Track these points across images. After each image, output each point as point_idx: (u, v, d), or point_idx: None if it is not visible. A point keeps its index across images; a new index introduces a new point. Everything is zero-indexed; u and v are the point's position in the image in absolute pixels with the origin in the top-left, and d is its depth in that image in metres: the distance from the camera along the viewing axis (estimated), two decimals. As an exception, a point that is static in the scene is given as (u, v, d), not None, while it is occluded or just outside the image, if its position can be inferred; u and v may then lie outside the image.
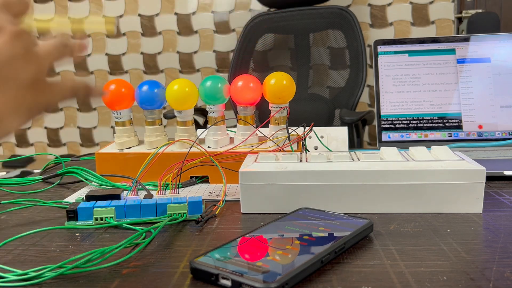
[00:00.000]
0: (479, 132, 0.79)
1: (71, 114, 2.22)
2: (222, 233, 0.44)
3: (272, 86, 0.62)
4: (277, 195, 0.49)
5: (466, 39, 0.82)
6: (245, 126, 0.64)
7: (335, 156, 0.51)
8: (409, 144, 0.75)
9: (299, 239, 0.38)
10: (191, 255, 0.39)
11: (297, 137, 0.62)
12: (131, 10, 2.07)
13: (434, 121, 0.80)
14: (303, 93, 1.71)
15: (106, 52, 2.11)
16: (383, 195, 0.48)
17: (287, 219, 0.44)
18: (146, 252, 0.40)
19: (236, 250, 0.37)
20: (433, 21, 1.90)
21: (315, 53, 1.73)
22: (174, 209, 0.47)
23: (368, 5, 1.93)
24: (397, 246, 0.40)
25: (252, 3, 1.99)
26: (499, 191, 0.55)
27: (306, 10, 1.66)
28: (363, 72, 1.57)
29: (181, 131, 0.65)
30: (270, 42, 1.76)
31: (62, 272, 0.36)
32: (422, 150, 0.52)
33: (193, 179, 0.62)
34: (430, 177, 0.47)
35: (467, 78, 0.81)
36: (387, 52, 0.82)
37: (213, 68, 2.07)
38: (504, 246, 0.39)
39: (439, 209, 0.48)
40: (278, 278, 0.31)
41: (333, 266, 0.36)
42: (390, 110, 0.81)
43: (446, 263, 0.36)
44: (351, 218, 0.43)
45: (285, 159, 0.51)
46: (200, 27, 2.04)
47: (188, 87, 0.62)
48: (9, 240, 0.43)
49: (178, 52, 2.07)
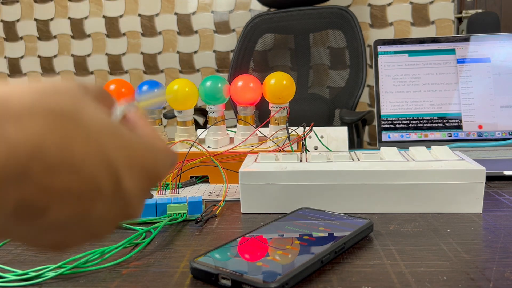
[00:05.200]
0: (479, 132, 0.79)
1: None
2: (222, 233, 0.44)
3: (272, 86, 0.62)
4: (277, 195, 0.49)
5: (466, 39, 0.82)
6: (245, 126, 0.64)
7: (335, 156, 0.51)
8: (409, 144, 0.75)
9: (299, 239, 0.38)
10: (191, 255, 0.39)
11: (297, 137, 0.62)
12: (131, 10, 2.07)
13: (434, 121, 0.80)
14: (303, 93, 1.71)
15: (106, 52, 2.11)
16: (383, 195, 0.48)
17: (287, 219, 0.44)
18: (146, 252, 0.40)
19: (236, 250, 0.37)
20: (433, 21, 1.90)
21: (315, 53, 1.73)
22: (174, 209, 0.47)
23: (368, 5, 1.93)
24: (397, 246, 0.40)
25: (252, 3, 1.99)
26: (499, 191, 0.55)
27: (306, 10, 1.66)
28: (363, 72, 1.57)
29: (181, 131, 0.65)
30: (270, 42, 1.76)
31: (62, 272, 0.36)
32: (422, 150, 0.52)
33: (193, 179, 0.62)
34: (430, 177, 0.47)
35: (467, 78, 0.81)
36: (387, 52, 0.82)
37: (213, 68, 2.07)
38: (504, 246, 0.39)
39: (439, 209, 0.48)
40: (278, 278, 0.31)
41: (333, 266, 0.36)
42: (390, 110, 0.81)
43: (446, 263, 0.36)
44: (351, 218, 0.43)
45: (285, 159, 0.51)
46: (200, 27, 2.04)
47: (188, 87, 0.62)
48: (9, 240, 0.43)
49: (178, 52, 2.07)
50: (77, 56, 2.14)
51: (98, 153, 0.21)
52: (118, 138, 0.22)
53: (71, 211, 0.20)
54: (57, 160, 0.19)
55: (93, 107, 0.22)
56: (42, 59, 2.16)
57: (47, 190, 0.19)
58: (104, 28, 2.10)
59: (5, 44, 2.18)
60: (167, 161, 0.26)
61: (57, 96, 0.21)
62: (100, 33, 2.10)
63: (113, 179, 0.21)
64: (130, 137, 0.23)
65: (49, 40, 2.14)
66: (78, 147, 0.20)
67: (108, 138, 0.21)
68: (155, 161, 0.24)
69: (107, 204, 0.22)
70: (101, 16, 2.09)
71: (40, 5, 2.12)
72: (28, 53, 2.17)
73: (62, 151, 0.19)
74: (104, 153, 0.21)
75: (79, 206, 0.21)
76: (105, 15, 2.08)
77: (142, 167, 0.23)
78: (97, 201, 0.21)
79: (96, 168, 0.20)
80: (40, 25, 2.14)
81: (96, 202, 0.21)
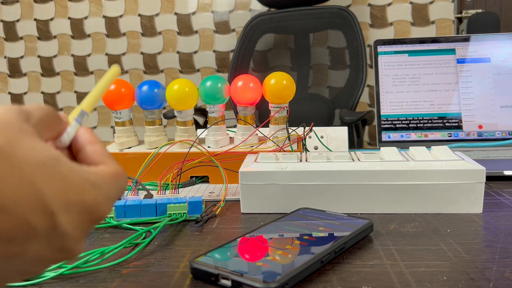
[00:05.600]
0: (479, 132, 0.79)
1: (71, 114, 2.22)
2: (222, 233, 0.44)
3: (272, 86, 0.62)
4: (277, 195, 0.49)
5: (466, 39, 0.82)
6: (245, 126, 0.64)
7: (335, 156, 0.51)
8: (409, 144, 0.75)
9: (299, 239, 0.38)
10: (191, 255, 0.39)
11: (297, 137, 0.62)
12: (131, 10, 2.07)
13: (434, 121, 0.80)
14: (303, 93, 1.71)
15: (106, 52, 2.11)
16: (383, 195, 0.48)
17: (287, 219, 0.44)
18: (146, 252, 0.40)
19: (236, 250, 0.37)
20: (433, 21, 1.90)
21: (315, 53, 1.73)
22: (174, 209, 0.47)
23: (368, 5, 1.93)
24: (397, 246, 0.40)
25: (252, 3, 1.99)
26: (499, 191, 0.55)
27: (306, 10, 1.66)
28: (363, 72, 1.57)
29: (181, 131, 0.65)
30: (270, 42, 1.76)
31: (62, 272, 0.36)
32: (422, 150, 0.52)
33: (193, 179, 0.62)
34: (430, 177, 0.47)
35: (467, 78, 0.81)
36: (387, 52, 0.82)
37: (213, 68, 2.07)
38: (504, 246, 0.39)
39: (439, 209, 0.48)
40: (278, 278, 0.31)
41: (333, 266, 0.36)
42: (390, 110, 0.81)
43: (446, 263, 0.36)
44: (351, 218, 0.43)
45: (285, 159, 0.51)
46: (200, 27, 2.04)
47: (188, 87, 0.62)
48: None
49: (178, 52, 2.07)
50: (77, 56, 2.14)
51: (32, 193, 0.20)
52: (55, 175, 0.21)
53: (2, 253, 0.20)
54: None
55: (29, 141, 0.21)
56: (42, 59, 2.16)
57: None
58: (104, 28, 2.10)
59: (5, 44, 2.18)
60: (112, 192, 0.25)
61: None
62: (100, 33, 2.10)
63: (48, 220, 0.20)
64: (69, 172, 0.22)
65: (49, 40, 2.14)
66: (10, 187, 0.19)
67: (43, 176, 0.20)
68: (96, 196, 0.23)
69: (42, 245, 0.21)
70: (101, 16, 2.09)
71: (40, 5, 2.12)
72: (28, 53, 2.17)
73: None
74: (38, 193, 0.20)
75: (11, 248, 0.20)
76: (105, 15, 2.08)
77: (81, 204, 0.22)
78: (30, 243, 0.20)
79: (29, 209, 0.19)
80: (40, 25, 2.14)
81: (30, 243, 0.20)
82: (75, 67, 2.15)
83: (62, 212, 0.21)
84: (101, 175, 0.24)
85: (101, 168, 0.25)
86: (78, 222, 0.22)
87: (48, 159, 0.21)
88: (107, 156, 0.26)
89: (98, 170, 0.25)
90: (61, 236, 0.21)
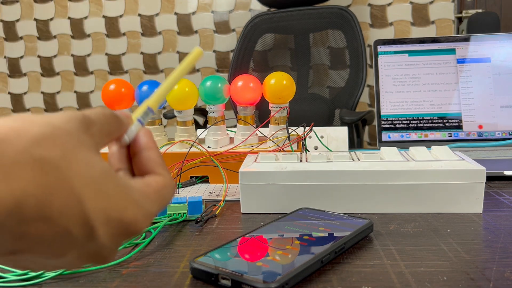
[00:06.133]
0: (479, 132, 0.79)
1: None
2: (222, 233, 0.44)
3: (272, 86, 0.62)
4: (277, 195, 0.49)
5: (466, 39, 0.82)
6: (245, 126, 0.64)
7: (335, 156, 0.51)
8: (409, 144, 0.75)
9: (299, 239, 0.38)
10: (191, 255, 0.39)
11: (297, 137, 0.62)
12: (131, 10, 2.07)
13: (434, 121, 0.80)
14: (303, 93, 1.71)
15: (106, 52, 2.11)
16: (383, 195, 0.48)
17: (287, 219, 0.44)
18: (146, 252, 0.40)
19: (236, 250, 0.37)
20: (433, 21, 1.90)
21: (315, 53, 1.73)
22: (174, 209, 0.47)
23: (368, 5, 1.93)
24: (397, 246, 0.40)
25: (252, 3, 1.99)
26: (499, 191, 0.55)
27: (306, 10, 1.66)
28: (363, 72, 1.57)
29: (181, 131, 0.65)
30: (270, 42, 1.76)
31: (62, 272, 0.36)
32: (422, 150, 0.52)
33: (193, 179, 0.62)
34: (430, 177, 0.47)
35: (467, 78, 0.81)
36: (387, 52, 0.82)
37: (213, 68, 2.07)
38: (504, 246, 0.39)
39: (439, 209, 0.48)
40: (278, 278, 0.31)
41: (333, 266, 0.36)
42: (390, 110, 0.81)
43: (446, 263, 0.36)
44: (351, 218, 0.43)
45: (285, 159, 0.51)
46: (200, 27, 2.04)
47: (188, 87, 0.62)
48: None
49: (178, 52, 2.07)
50: (77, 56, 2.14)
51: (77, 207, 0.21)
52: (101, 191, 0.22)
53: (42, 254, 0.22)
54: (34, 213, 0.20)
55: (84, 155, 0.22)
56: (42, 59, 2.16)
57: (21, 237, 0.20)
58: (104, 28, 2.09)
59: (5, 44, 2.18)
60: (153, 208, 0.26)
61: (50, 142, 0.21)
62: (100, 33, 2.10)
63: (88, 232, 0.22)
64: (115, 188, 0.23)
65: (49, 40, 2.14)
66: (58, 201, 0.20)
67: (90, 193, 0.22)
68: (136, 214, 0.24)
69: (80, 251, 0.22)
70: (101, 16, 2.09)
71: (40, 5, 2.12)
72: (28, 53, 2.17)
73: (41, 204, 0.20)
74: (82, 207, 0.21)
75: (50, 251, 0.22)
76: (105, 15, 2.08)
77: (120, 220, 0.23)
78: (69, 248, 0.22)
79: (72, 221, 0.21)
80: (40, 25, 2.14)
81: (67, 249, 0.22)
82: (75, 67, 2.15)
83: (102, 226, 0.22)
84: (145, 190, 0.26)
85: (149, 180, 0.26)
86: (114, 235, 0.23)
87: (99, 176, 0.22)
88: (160, 165, 0.28)
89: (145, 183, 0.26)
90: (97, 246, 0.23)
